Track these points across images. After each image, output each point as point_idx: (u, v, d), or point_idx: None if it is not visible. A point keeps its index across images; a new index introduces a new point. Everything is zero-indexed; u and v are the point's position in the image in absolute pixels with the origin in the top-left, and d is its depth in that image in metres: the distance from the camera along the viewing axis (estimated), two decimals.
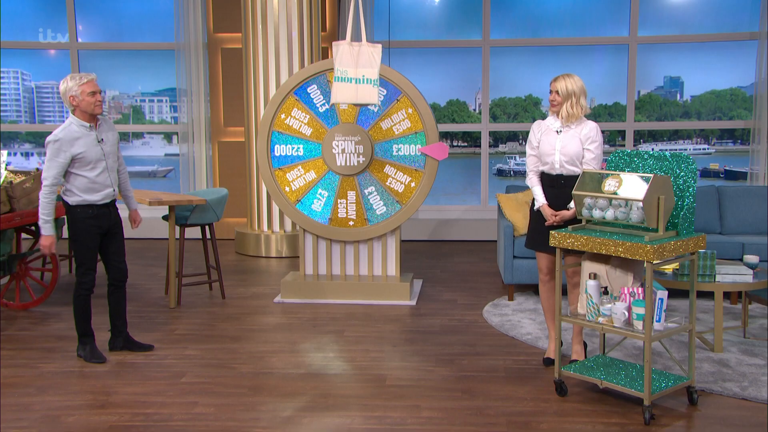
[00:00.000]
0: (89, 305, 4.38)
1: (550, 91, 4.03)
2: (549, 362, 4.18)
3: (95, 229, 4.25)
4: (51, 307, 5.57)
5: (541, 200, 4.06)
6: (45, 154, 4.18)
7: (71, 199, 4.20)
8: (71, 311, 5.42)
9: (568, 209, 3.98)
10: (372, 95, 5.04)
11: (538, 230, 4.08)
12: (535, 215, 4.14)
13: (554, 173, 4.02)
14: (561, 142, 3.98)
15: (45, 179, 4.13)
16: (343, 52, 5.06)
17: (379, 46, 5.14)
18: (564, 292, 5.24)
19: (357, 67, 5.00)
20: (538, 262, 4.19)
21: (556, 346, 3.83)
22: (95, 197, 4.21)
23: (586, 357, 4.16)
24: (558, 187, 4.02)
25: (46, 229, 4.19)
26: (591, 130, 3.98)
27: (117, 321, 4.55)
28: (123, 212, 4.57)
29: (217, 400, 3.79)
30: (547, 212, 4.02)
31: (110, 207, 4.33)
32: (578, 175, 3.92)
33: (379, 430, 3.43)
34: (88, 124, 4.17)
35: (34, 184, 5.33)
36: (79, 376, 4.15)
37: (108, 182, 4.27)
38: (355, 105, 5.41)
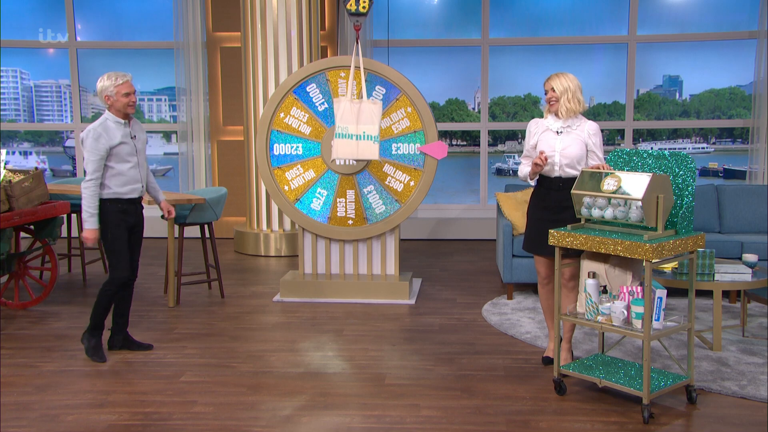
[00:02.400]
0: (113, 301, 4.42)
1: (546, 92, 3.98)
2: (548, 361, 4.17)
3: (124, 224, 4.31)
4: (50, 306, 5.57)
5: (526, 170, 4.02)
6: (83, 147, 4.23)
7: (103, 192, 4.25)
8: (70, 310, 5.46)
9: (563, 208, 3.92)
10: (373, 151, 5.17)
11: (536, 233, 4.00)
12: (533, 219, 4.07)
13: (553, 175, 3.94)
14: (561, 143, 3.91)
15: (88, 172, 4.18)
16: (344, 109, 5.19)
17: (380, 103, 5.25)
18: None
19: (358, 124, 5.13)
20: (537, 267, 4.15)
21: (556, 345, 3.83)
22: (125, 190, 4.28)
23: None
24: (556, 189, 3.94)
25: (91, 222, 4.23)
26: (594, 130, 3.92)
27: (119, 319, 4.55)
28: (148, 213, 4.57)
29: (216, 399, 3.79)
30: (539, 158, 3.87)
31: (137, 204, 4.40)
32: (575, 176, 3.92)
33: (378, 429, 3.43)
34: (122, 121, 4.27)
35: (32, 183, 5.32)
36: (78, 375, 4.14)
37: (138, 177, 4.34)
38: (356, 160, 5.50)
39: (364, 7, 5.23)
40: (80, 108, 8.72)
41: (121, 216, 4.29)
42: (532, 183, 4.12)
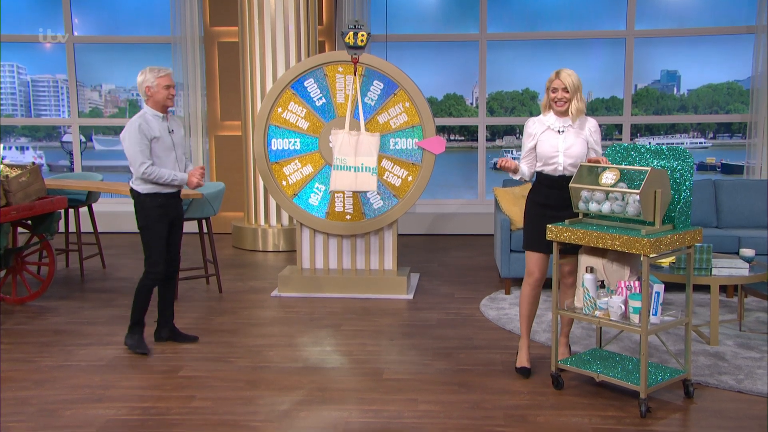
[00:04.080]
0: (151, 295, 4.42)
1: (554, 89, 3.77)
2: (526, 372, 3.97)
3: (164, 218, 4.31)
4: (48, 301, 5.56)
5: (527, 168, 3.91)
6: (123, 143, 4.22)
7: (142, 188, 4.25)
8: (68, 305, 5.46)
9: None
10: (371, 183, 5.19)
11: (539, 231, 3.86)
12: (534, 216, 3.93)
13: (557, 174, 3.85)
14: (565, 143, 3.81)
15: (136, 164, 4.15)
16: (342, 140, 5.22)
17: (378, 135, 5.24)
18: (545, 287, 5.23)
19: (356, 156, 5.15)
20: (530, 267, 3.93)
21: (554, 342, 3.81)
22: (164, 187, 4.28)
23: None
24: (558, 188, 3.83)
25: (183, 179, 4.26)
26: (595, 127, 3.86)
27: (165, 311, 4.58)
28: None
29: (215, 393, 3.79)
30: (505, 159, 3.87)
31: (176, 198, 4.40)
32: None
33: (376, 424, 3.44)
34: (161, 114, 4.29)
35: (30, 178, 5.31)
36: (76, 370, 4.14)
37: (178, 172, 4.34)
38: (354, 192, 5.50)
39: (362, 41, 5.26)
40: (77, 103, 8.70)
41: (162, 211, 4.29)
42: (530, 180, 4.03)
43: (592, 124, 3.88)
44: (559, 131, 3.83)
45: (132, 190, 4.31)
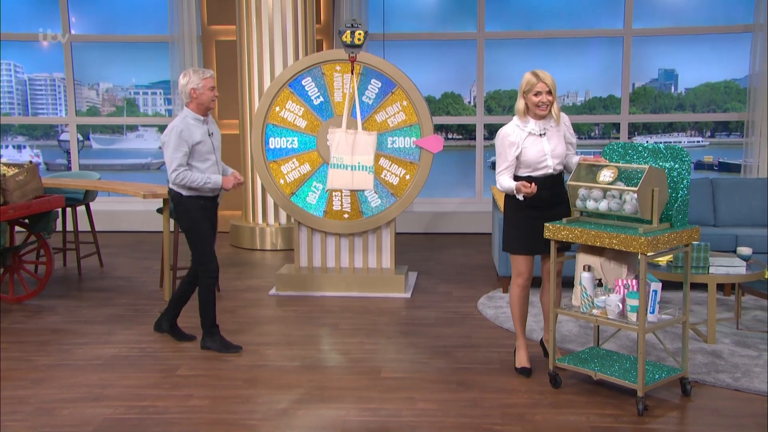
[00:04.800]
0: (214, 294, 4.43)
1: (537, 93, 3.66)
2: (527, 372, 3.95)
3: (206, 218, 4.34)
4: (45, 300, 5.56)
5: (513, 184, 3.70)
6: (164, 147, 4.22)
7: (182, 191, 4.26)
8: (66, 304, 5.45)
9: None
10: (367, 182, 5.20)
11: (529, 233, 3.83)
12: (522, 218, 3.85)
13: (546, 176, 3.81)
14: (550, 145, 3.77)
15: (171, 167, 4.15)
16: (339, 139, 5.23)
17: (375, 133, 5.24)
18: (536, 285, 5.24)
19: (353, 155, 5.16)
20: (519, 267, 3.89)
21: (551, 339, 3.82)
22: (204, 191, 4.28)
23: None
24: (548, 187, 3.81)
25: (216, 181, 4.26)
26: (567, 119, 3.88)
27: (176, 309, 4.61)
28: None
29: (212, 392, 3.79)
30: (522, 183, 3.66)
31: (215, 202, 4.42)
32: (562, 171, 3.90)
33: (374, 423, 3.44)
34: (201, 117, 4.28)
35: (27, 176, 5.30)
36: (74, 368, 4.14)
37: (217, 174, 4.36)
38: (351, 190, 5.50)
39: (359, 39, 5.26)
40: (75, 101, 8.69)
41: (203, 212, 4.31)
42: (519, 197, 3.80)
43: (564, 117, 3.87)
44: (540, 134, 3.78)
45: (171, 192, 4.31)
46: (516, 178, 3.81)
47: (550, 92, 3.69)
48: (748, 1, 7.87)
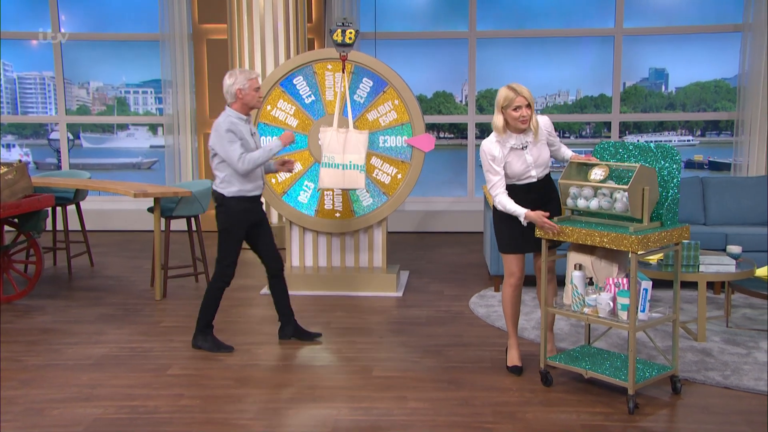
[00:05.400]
0: (221, 298, 4.42)
1: (517, 107, 3.64)
2: (518, 371, 3.96)
3: (245, 222, 4.32)
4: (35, 299, 5.53)
5: (522, 210, 3.69)
6: (217, 148, 4.19)
7: (228, 190, 4.24)
8: (55, 304, 5.42)
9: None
10: (359, 181, 5.19)
11: (520, 232, 3.82)
12: (508, 219, 3.84)
13: (531, 182, 3.83)
14: (532, 156, 3.77)
15: (238, 156, 4.13)
16: (330, 138, 5.21)
17: (366, 132, 5.23)
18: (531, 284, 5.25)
19: (344, 153, 5.15)
20: (510, 267, 3.89)
21: (542, 338, 3.83)
22: (249, 187, 4.28)
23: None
24: (535, 191, 3.83)
25: (276, 144, 4.28)
26: (546, 123, 3.82)
27: (285, 310, 4.58)
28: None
29: (203, 392, 3.78)
30: (538, 215, 3.64)
31: (258, 202, 4.41)
32: (548, 173, 3.91)
33: (366, 422, 3.43)
34: (244, 117, 4.29)
35: (16, 175, 5.27)
36: (64, 368, 4.12)
37: (259, 174, 4.35)
38: (343, 189, 5.47)
39: (350, 38, 5.25)
40: (65, 100, 8.64)
41: (244, 215, 4.30)
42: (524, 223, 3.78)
43: (544, 122, 3.83)
44: (522, 147, 3.77)
45: (215, 193, 4.30)
46: (508, 186, 3.82)
47: (529, 105, 3.68)
48: (738, 1, 7.91)
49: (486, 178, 3.84)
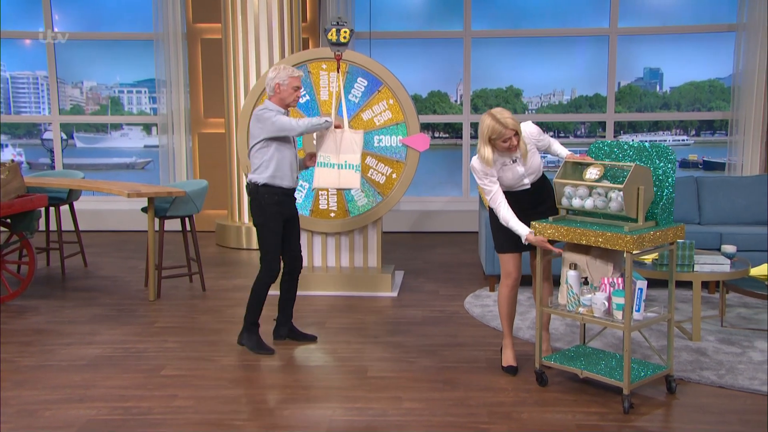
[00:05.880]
0: (266, 295, 4.38)
1: (506, 140, 3.63)
2: (513, 371, 3.96)
3: (279, 215, 4.30)
4: (28, 300, 5.50)
5: (524, 230, 3.69)
6: (263, 125, 4.21)
7: (261, 177, 4.24)
8: (49, 304, 5.40)
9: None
10: (354, 180, 5.16)
11: (513, 232, 3.78)
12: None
13: (525, 189, 3.85)
14: (523, 168, 3.78)
15: (289, 121, 4.20)
16: (326, 138, 5.17)
17: (361, 132, 5.21)
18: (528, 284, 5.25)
19: (339, 153, 5.12)
20: (507, 268, 3.90)
21: (537, 339, 3.82)
22: (282, 179, 4.27)
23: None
24: (529, 194, 3.85)
25: (321, 122, 4.40)
26: (531, 131, 3.80)
27: (286, 311, 4.56)
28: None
29: (197, 392, 3.76)
30: (539, 241, 3.65)
31: (291, 196, 4.40)
32: (541, 176, 3.91)
33: (360, 422, 3.42)
34: (282, 110, 4.29)
35: (9, 175, 5.24)
36: (57, 369, 4.09)
37: (294, 168, 4.35)
38: (337, 189, 5.44)
39: (345, 38, 5.23)
40: (58, 100, 8.60)
41: (277, 208, 4.28)
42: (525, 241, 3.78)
43: (530, 131, 3.80)
44: (513, 161, 3.78)
45: (249, 185, 4.30)
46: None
47: (518, 134, 3.67)
48: (732, 1, 7.92)
49: (484, 192, 3.83)
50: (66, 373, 4.04)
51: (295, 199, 4.48)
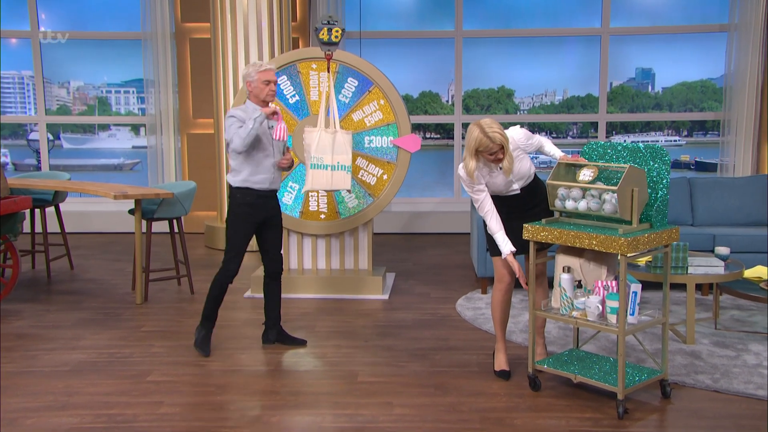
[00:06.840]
0: (224, 293, 4.33)
1: (492, 153, 3.54)
2: (506, 375, 3.91)
3: (250, 218, 4.22)
4: (11, 304, 5.40)
5: (507, 248, 3.70)
6: (226, 130, 4.12)
7: (235, 179, 4.17)
8: (33, 308, 5.31)
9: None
10: (346, 181, 5.12)
11: (510, 234, 3.76)
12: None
13: (515, 194, 3.81)
14: (512, 174, 3.71)
15: (231, 141, 4.06)
16: (320, 138, 5.12)
17: (350, 132, 5.16)
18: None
19: (333, 154, 5.07)
20: (501, 272, 3.84)
21: (530, 343, 3.77)
22: (256, 179, 4.17)
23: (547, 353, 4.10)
24: (520, 198, 3.80)
25: (260, 116, 4.05)
26: (517, 138, 3.71)
27: (272, 314, 4.49)
28: None
29: (184, 399, 3.68)
30: (515, 265, 3.71)
31: (269, 198, 4.29)
32: (533, 179, 3.85)
33: (350, 429, 3.35)
34: (258, 110, 4.14)
35: None
36: (39, 376, 4.00)
37: (271, 169, 4.22)
38: (329, 191, 5.35)
39: (336, 37, 5.17)
40: (44, 100, 8.49)
41: (248, 209, 4.20)
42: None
43: (517, 136, 3.72)
44: (500, 168, 3.69)
45: (227, 184, 4.22)
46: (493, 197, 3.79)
47: (503, 147, 3.58)
48: (724, 1, 7.91)
49: (472, 200, 3.79)
50: (49, 380, 3.95)
51: (277, 200, 4.38)
